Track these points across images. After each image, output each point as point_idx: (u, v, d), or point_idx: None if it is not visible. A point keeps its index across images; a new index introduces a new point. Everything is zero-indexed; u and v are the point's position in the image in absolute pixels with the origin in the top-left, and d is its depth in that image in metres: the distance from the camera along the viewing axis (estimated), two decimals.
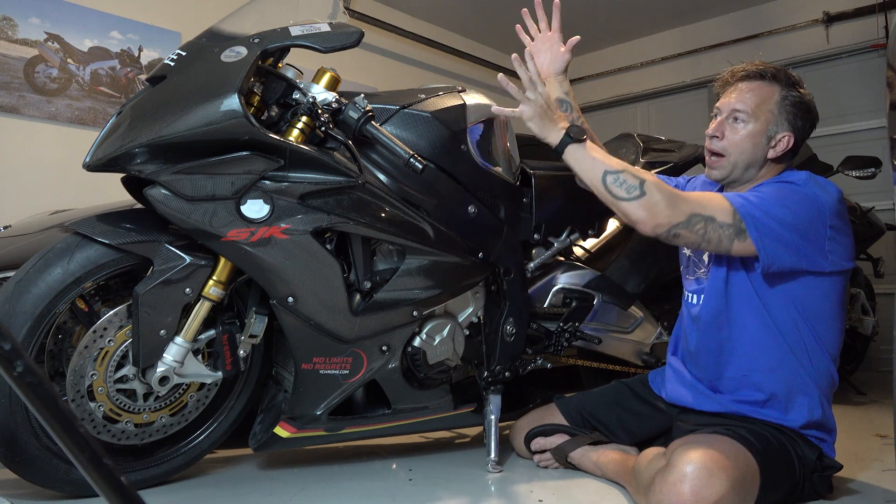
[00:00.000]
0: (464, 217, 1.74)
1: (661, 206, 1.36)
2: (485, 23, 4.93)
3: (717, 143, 1.52)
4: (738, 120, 1.50)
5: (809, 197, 1.39)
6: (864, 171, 3.04)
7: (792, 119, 1.49)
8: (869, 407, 2.81)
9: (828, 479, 1.47)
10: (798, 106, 1.49)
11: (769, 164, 1.51)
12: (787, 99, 1.49)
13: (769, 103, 1.49)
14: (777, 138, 1.49)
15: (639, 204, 1.37)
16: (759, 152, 1.49)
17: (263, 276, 1.45)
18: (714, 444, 1.31)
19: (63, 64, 3.05)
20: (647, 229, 1.38)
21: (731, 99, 1.52)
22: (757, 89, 1.50)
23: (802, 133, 1.51)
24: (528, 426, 1.78)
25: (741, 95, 1.51)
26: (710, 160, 1.56)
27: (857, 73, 4.36)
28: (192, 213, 1.35)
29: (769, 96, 1.49)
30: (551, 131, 1.50)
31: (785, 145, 1.49)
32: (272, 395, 1.68)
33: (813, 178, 1.45)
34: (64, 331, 1.46)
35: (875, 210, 3.49)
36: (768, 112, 1.49)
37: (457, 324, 1.76)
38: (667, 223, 1.36)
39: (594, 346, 2.06)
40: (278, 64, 1.52)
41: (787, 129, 1.49)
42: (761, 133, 1.48)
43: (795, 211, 1.37)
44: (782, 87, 1.50)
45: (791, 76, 1.52)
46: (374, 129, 1.48)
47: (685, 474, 1.23)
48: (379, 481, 1.64)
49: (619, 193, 1.39)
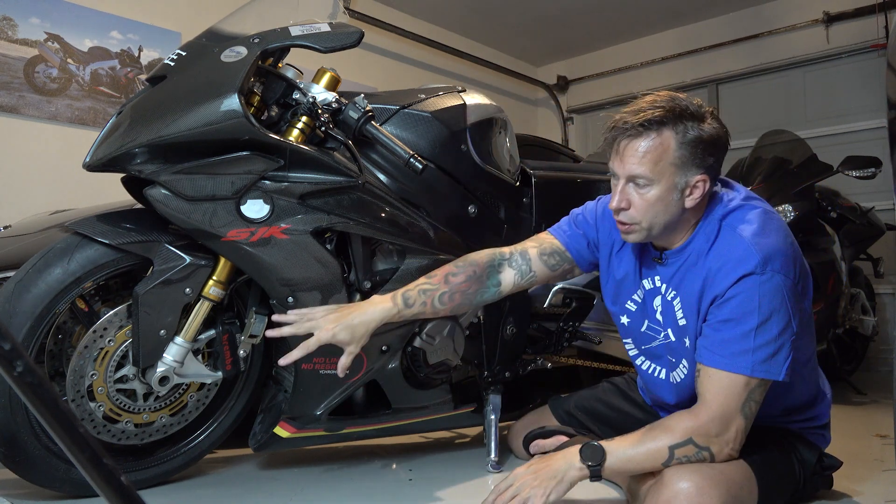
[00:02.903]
0: (464, 217, 1.73)
1: (720, 444, 1.25)
2: (485, 23, 4.93)
3: (626, 215, 1.32)
4: (639, 185, 1.29)
5: (775, 289, 1.24)
6: (864, 171, 3.04)
7: (699, 161, 1.27)
8: (869, 407, 2.81)
9: (828, 478, 1.47)
10: (699, 145, 1.27)
11: (689, 212, 1.33)
12: (685, 143, 1.26)
13: (667, 157, 1.26)
14: (690, 186, 1.29)
15: (712, 458, 1.26)
16: (675, 208, 1.30)
17: (263, 276, 1.45)
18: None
19: (63, 64, 3.05)
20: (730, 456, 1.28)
21: (623, 163, 1.30)
22: (647, 147, 1.27)
23: (716, 168, 1.32)
24: (524, 429, 1.78)
25: (632, 158, 1.28)
26: (621, 227, 1.36)
27: (857, 73, 4.36)
28: (192, 213, 1.35)
29: (664, 150, 1.26)
30: (566, 474, 1.25)
31: (702, 190, 1.29)
32: (272, 395, 1.68)
33: (761, 250, 1.25)
34: (64, 331, 1.46)
35: (875, 210, 3.49)
36: (670, 167, 1.27)
37: (457, 324, 1.76)
38: (737, 443, 1.26)
39: (594, 346, 2.06)
40: (278, 64, 1.52)
41: (696, 173, 1.28)
42: (670, 190, 1.28)
43: (773, 317, 1.24)
44: (674, 132, 1.26)
45: (678, 109, 1.28)
46: (374, 129, 1.48)
47: (676, 493, 1.21)
48: (379, 481, 1.63)
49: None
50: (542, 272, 1.56)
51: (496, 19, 4.87)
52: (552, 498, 1.22)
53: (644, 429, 1.30)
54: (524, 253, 1.55)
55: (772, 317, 1.24)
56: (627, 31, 5.20)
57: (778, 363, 1.24)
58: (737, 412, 1.24)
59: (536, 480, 1.24)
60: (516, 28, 5.04)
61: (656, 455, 1.25)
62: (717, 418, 1.24)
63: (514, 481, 1.26)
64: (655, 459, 1.25)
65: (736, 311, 1.26)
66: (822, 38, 4.43)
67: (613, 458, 1.25)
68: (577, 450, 1.26)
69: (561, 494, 1.23)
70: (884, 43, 4.06)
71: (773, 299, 1.24)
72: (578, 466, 1.25)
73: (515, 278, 1.54)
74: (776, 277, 1.25)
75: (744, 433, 1.26)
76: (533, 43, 5.36)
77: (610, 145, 1.33)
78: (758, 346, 1.24)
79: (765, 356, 1.24)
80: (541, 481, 1.24)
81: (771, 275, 1.24)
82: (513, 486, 1.25)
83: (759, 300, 1.24)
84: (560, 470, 1.25)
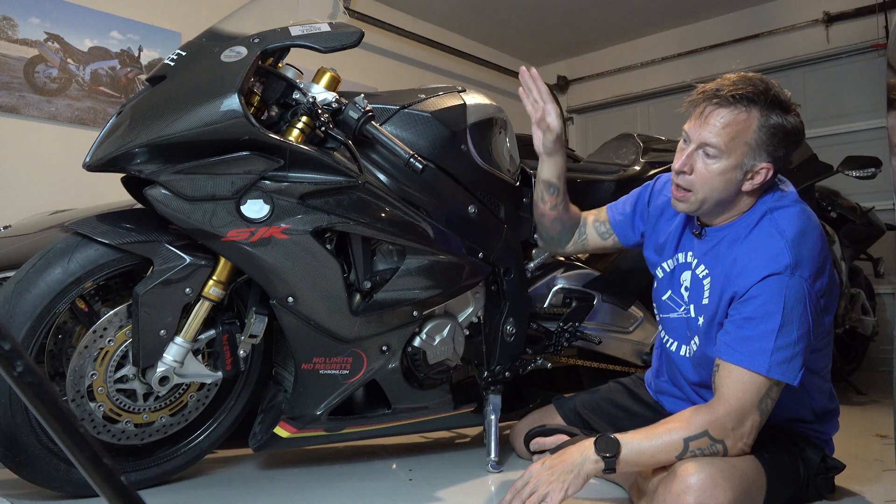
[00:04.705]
0: (464, 217, 1.73)
1: (735, 438, 1.26)
2: (485, 23, 4.93)
3: (685, 179, 1.35)
4: (708, 155, 1.31)
5: (798, 294, 1.25)
6: (864, 171, 3.04)
7: (772, 149, 1.30)
8: (869, 407, 2.81)
9: (830, 479, 1.47)
10: (778, 134, 1.29)
11: (744, 196, 1.35)
12: (766, 127, 1.28)
13: (745, 135, 1.28)
14: (754, 171, 1.31)
15: (725, 452, 1.26)
16: (733, 188, 1.32)
17: (263, 276, 1.45)
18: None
19: (63, 64, 3.05)
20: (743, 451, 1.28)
21: (700, 128, 1.32)
22: (730, 119, 1.29)
23: (784, 161, 1.34)
24: (527, 428, 1.78)
25: (712, 127, 1.30)
26: (675, 191, 1.39)
27: (857, 73, 4.35)
28: (192, 213, 1.35)
29: (745, 127, 1.28)
30: (581, 467, 1.25)
31: (763, 177, 1.32)
32: (272, 395, 1.68)
33: (795, 254, 1.26)
34: (64, 331, 1.45)
35: (875, 210, 3.49)
36: (744, 145, 1.29)
37: (457, 324, 1.76)
38: (750, 439, 1.27)
39: (594, 346, 2.06)
40: (278, 64, 1.52)
41: (765, 160, 1.30)
42: (736, 168, 1.30)
43: (795, 322, 1.25)
44: (761, 113, 1.28)
45: (771, 93, 1.29)
46: (374, 129, 1.48)
47: (689, 485, 1.20)
48: (379, 481, 1.63)
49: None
50: (592, 237, 1.75)
51: (496, 19, 4.87)
52: (570, 491, 1.22)
53: (658, 422, 1.31)
54: (585, 217, 1.76)
55: (793, 321, 1.25)
56: (627, 31, 5.20)
57: (794, 368, 1.25)
58: (753, 408, 1.26)
59: (553, 475, 1.24)
60: (516, 28, 5.03)
61: (671, 447, 1.25)
62: (734, 412, 1.25)
63: (529, 478, 1.26)
64: (670, 451, 1.25)
65: (759, 310, 1.26)
66: (822, 38, 4.43)
67: (628, 450, 1.25)
68: (592, 442, 1.26)
69: (579, 487, 1.24)
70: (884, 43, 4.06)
71: (796, 304, 1.25)
72: (594, 459, 1.25)
73: (575, 236, 1.75)
74: (802, 284, 1.26)
75: (758, 429, 1.27)
76: (533, 43, 5.36)
77: (694, 107, 1.35)
78: (777, 347, 1.24)
79: (782, 358, 1.24)
80: (557, 476, 1.24)
81: (798, 280, 1.25)
82: (530, 484, 1.24)
83: (784, 302, 1.25)
84: (576, 463, 1.25)
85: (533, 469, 1.28)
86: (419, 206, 1.65)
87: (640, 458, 1.27)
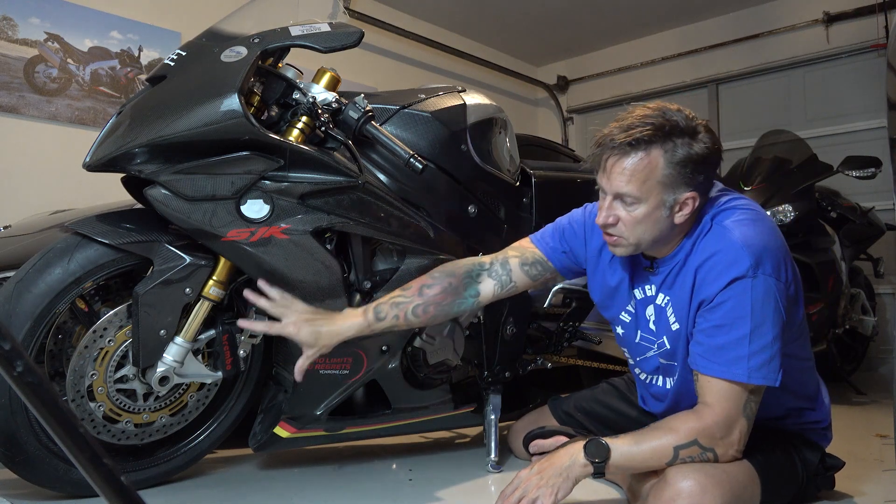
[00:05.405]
0: (464, 217, 1.73)
1: (725, 446, 1.24)
2: (485, 23, 4.93)
3: (613, 230, 1.30)
4: (626, 203, 1.26)
5: (766, 293, 1.23)
6: (864, 171, 3.04)
7: (689, 179, 1.24)
8: (869, 407, 2.81)
9: (830, 478, 1.47)
10: (689, 164, 1.23)
11: (679, 227, 1.30)
12: (674, 163, 1.23)
13: (654, 176, 1.23)
14: (679, 203, 1.26)
15: (716, 459, 1.25)
16: (663, 224, 1.28)
17: (263, 276, 1.45)
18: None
19: (63, 64, 3.05)
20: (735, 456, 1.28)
21: (609, 181, 1.27)
22: (634, 166, 1.23)
23: (707, 184, 1.29)
24: (524, 429, 1.77)
25: (619, 177, 1.24)
26: (608, 239, 1.34)
27: (857, 73, 4.35)
28: (192, 213, 1.35)
29: (652, 169, 1.23)
30: (570, 470, 1.24)
31: (691, 207, 1.27)
32: (272, 395, 1.68)
33: (752, 253, 1.23)
34: (64, 331, 1.45)
35: (875, 210, 3.49)
36: (657, 185, 1.23)
37: (457, 324, 1.76)
38: (741, 445, 1.26)
39: (594, 346, 2.06)
40: (278, 64, 1.52)
41: (686, 190, 1.25)
42: (658, 207, 1.25)
43: (767, 322, 1.23)
44: (664, 150, 1.23)
45: (668, 126, 1.23)
46: (374, 129, 1.48)
47: (679, 491, 1.20)
48: (379, 481, 1.63)
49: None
50: (522, 282, 1.53)
51: (496, 19, 4.87)
52: (560, 495, 1.22)
53: (648, 427, 1.29)
54: (505, 262, 1.52)
55: (765, 322, 1.23)
56: (627, 31, 5.20)
57: (774, 369, 1.24)
58: (739, 415, 1.24)
59: (542, 480, 1.23)
60: (516, 28, 5.03)
61: (661, 454, 1.24)
62: (721, 422, 1.24)
63: (519, 484, 1.25)
64: (660, 458, 1.25)
65: (728, 316, 1.24)
66: (822, 38, 4.43)
67: (617, 455, 1.24)
68: (581, 446, 1.25)
69: (568, 491, 1.23)
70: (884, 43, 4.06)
71: (765, 304, 1.23)
72: (582, 463, 1.23)
73: (495, 289, 1.50)
74: (768, 281, 1.23)
75: (747, 434, 1.26)
76: (533, 43, 5.36)
77: (597, 160, 1.29)
78: (752, 352, 1.22)
79: (761, 362, 1.23)
80: (546, 480, 1.23)
81: (763, 278, 1.23)
82: (519, 489, 1.24)
83: (751, 305, 1.22)
84: (564, 467, 1.24)
85: (522, 474, 1.27)
86: (419, 206, 1.65)
87: (630, 464, 1.27)
